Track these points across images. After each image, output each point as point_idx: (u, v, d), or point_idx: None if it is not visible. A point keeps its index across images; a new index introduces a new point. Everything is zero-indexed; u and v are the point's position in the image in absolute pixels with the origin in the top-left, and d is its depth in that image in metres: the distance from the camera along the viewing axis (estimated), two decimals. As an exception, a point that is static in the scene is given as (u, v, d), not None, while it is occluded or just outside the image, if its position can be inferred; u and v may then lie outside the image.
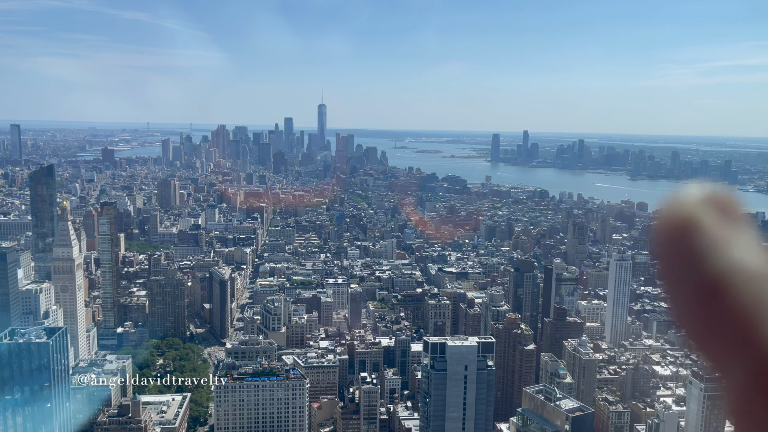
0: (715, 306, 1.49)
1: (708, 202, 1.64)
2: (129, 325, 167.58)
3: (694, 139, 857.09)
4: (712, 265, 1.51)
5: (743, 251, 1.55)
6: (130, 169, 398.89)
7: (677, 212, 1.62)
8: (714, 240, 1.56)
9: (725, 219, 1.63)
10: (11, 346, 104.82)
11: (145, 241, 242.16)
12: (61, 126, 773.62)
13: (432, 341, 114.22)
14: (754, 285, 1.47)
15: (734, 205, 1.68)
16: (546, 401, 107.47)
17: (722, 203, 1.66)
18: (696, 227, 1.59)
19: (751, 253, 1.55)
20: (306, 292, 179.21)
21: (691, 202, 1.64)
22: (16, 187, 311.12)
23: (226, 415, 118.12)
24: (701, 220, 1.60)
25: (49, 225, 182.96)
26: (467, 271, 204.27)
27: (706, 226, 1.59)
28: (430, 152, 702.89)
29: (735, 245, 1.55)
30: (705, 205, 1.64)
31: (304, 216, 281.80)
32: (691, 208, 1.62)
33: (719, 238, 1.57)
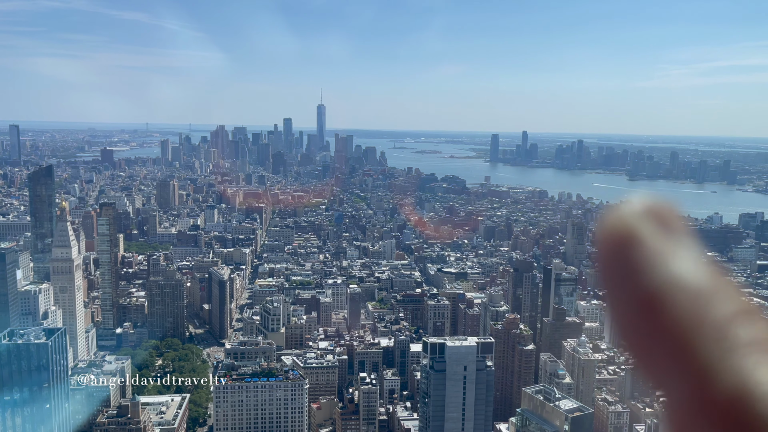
0: (652, 320, 1.48)
1: (648, 215, 1.63)
2: (128, 326, 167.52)
3: (693, 140, 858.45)
4: (650, 278, 1.51)
5: (681, 264, 1.53)
6: (129, 170, 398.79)
7: (617, 225, 1.61)
8: (652, 253, 1.55)
9: (665, 231, 1.61)
10: (10, 347, 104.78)
11: (144, 242, 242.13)
12: (60, 126, 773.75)
13: (431, 341, 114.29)
14: (690, 301, 1.47)
15: (674, 217, 1.66)
16: (545, 401, 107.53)
17: (662, 215, 1.65)
18: (634, 240, 1.58)
19: (689, 266, 1.53)
20: (305, 292, 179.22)
21: (630, 215, 1.63)
22: (15, 188, 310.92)
23: (226, 415, 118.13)
24: (640, 233, 1.59)
25: (48, 226, 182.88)
26: (466, 272, 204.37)
27: (644, 238, 1.58)
28: (429, 152, 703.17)
29: (673, 258, 1.54)
30: (644, 218, 1.62)
31: (303, 216, 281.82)
32: (631, 220, 1.61)
33: (657, 251, 1.55)
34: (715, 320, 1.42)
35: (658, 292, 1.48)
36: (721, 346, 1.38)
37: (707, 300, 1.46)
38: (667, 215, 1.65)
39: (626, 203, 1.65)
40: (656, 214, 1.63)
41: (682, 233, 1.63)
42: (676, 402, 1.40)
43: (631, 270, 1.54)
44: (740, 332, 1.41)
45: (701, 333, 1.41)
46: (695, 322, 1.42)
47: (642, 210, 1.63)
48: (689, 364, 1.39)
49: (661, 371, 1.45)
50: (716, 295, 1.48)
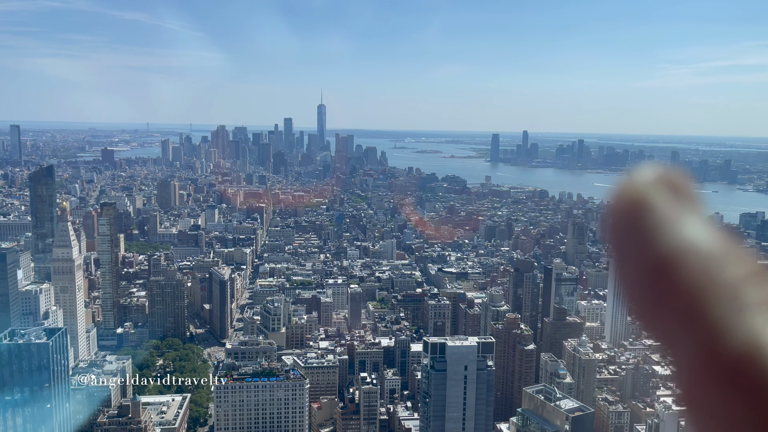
0: (662, 284, 1.49)
1: (659, 182, 1.65)
2: (129, 326, 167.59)
3: (694, 139, 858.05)
4: (661, 243, 1.53)
5: (692, 230, 1.55)
6: (129, 170, 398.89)
7: (628, 191, 1.63)
8: (663, 218, 1.57)
9: (676, 198, 1.63)
10: (11, 347, 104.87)
11: (145, 242, 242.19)
12: (61, 126, 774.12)
13: (432, 341, 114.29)
14: (702, 263, 1.47)
15: (685, 185, 1.68)
16: (546, 401, 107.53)
17: (673, 183, 1.67)
18: (646, 206, 1.60)
19: (699, 231, 1.55)
20: (306, 292, 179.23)
21: (642, 182, 1.65)
22: (15, 188, 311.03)
23: (226, 415, 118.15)
24: (651, 199, 1.61)
25: (48, 226, 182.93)
26: (467, 272, 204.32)
27: (656, 204, 1.60)
28: (430, 152, 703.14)
29: (684, 224, 1.56)
30: (656, 185, 1.65)
31: (303, 216, 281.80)
32: (642, 187, 1.63)
33: (669, 216, 1.58)
34: (726, 281, 1.44)
35: (670, 255, 1.50)
36: (732, 305, 1.40)
37: (718, 262, 1.48)
38: (678, 183, 1.67)
39: (637, 172, 1.67)
40: (667, 182, 1.66)
41: (692, 200, 1.66)
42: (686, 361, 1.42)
43: (643, 234, 1.56)
44: (750, 292, 1.42)
45: (712, 293, 1.42)
46: (706, 283, 1.44)
47: (653, 177, 1.66)
48: (700, 323, 1.41)
49: (671, 332, 1.47)
50: (727, 258, 1.50)
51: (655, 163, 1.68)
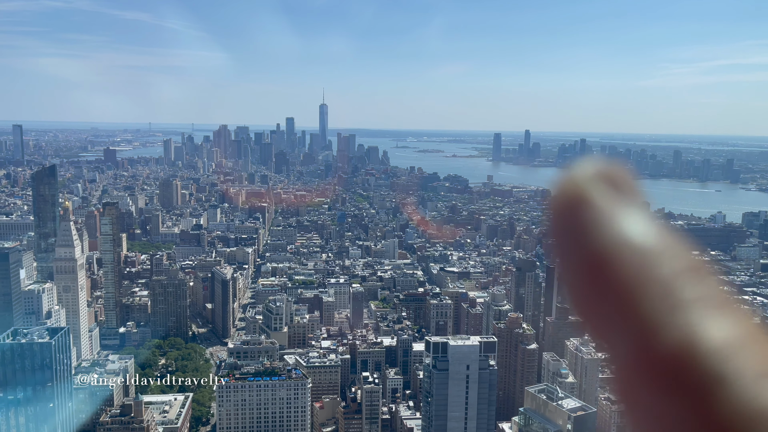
0: (599, 280, 1.48)
1: (598, 177, 1.64)
2: (131, 325, 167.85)
3: (696, 138, 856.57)
4: (598, 238, 1.51)
5: (630, 225, 1.53)
6: (132, 169, 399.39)
7: (567, 186, 1.62)
8: (601, 213, 1.55)
9: (615, 193, 1.61)
10: (14, 346, 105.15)
11: (147, 241, 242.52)
12: (63, 126, 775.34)
13: (434, 341, 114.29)
14: (638, 259, 1.46)
15: (625, 180, 1.65)
16: (548, 401, 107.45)
17: (613, 178, 1.65)
18: (585, 200, 1.58)
19: (637, 227, 1.53)
20: (308, 291, 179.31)
21: (581, 177, 1.63)
22: (18, 188, 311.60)
23: (228, 414, 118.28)
24: (590, 194, 1.60)
25: (51, 225, 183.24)
26: (469, 271, 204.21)
27: (594, 199, 1.59)
28: (432, 152, 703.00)
29: (622, 219, 1.54)
30: (595, 179, 1.63)
31: (305, 216, 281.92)
32: (583, 182, 1.62)
33: (606, 211, 1.56)
34: (661, 277, 1.42)
35: (605, 251, 1.49)
36: (666, 302, 1.39)
37: (654, 258, 1.47)
38: (618, 177, 1.65)
39: (577, 166, 1.66)
40: (607, 176, 1.64)
41: (632, 195, 1.63)
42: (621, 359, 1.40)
43: (579, 229, 1.55)
44: (686, 288, 1.41)
45: (647, 290, 1.41)
46: (641, 280, 1.43)
47: (593, 172, 1.64)
48: (634, 321, 1.40)
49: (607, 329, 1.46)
50: (663, 253, 1.48)
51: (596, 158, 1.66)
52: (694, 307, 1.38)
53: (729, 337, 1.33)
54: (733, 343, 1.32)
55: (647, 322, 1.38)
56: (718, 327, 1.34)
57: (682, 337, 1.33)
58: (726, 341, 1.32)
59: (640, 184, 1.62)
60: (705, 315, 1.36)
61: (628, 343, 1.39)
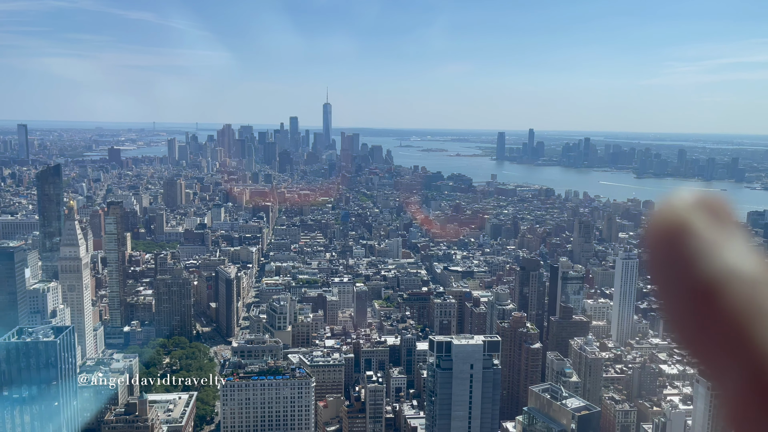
0: (707, 310, 1.47)
1: (700, 206, 1.63)
2: (135, 324, 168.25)
3: (701, 137, 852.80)
4: (705, 268, 1.50)
5: (735, 254, 1.53)
6: (136, 169, 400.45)
7: (669, 216, 1.62)
8: (706, 243, 1.55)
9: (717, 222, 1.61)
10: (19, 345, 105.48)
11: (152, 241, 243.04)
12: (68, 126, 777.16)
13: (438, 340, 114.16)
14: (747, 288, 1.46)
15: (726, 209, 1.66)
16: (552, 400, 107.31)
17: (714, 207, 1.65)
18: (688, 230, 1.58)
19: (743, 256, 1.53)
20: (311, 291, 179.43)
21: (682, 206, 1.63)
22: (23, 187, 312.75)
23: (233, 413, 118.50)
24: (693, 224, 1.59)
25: (56, 224, 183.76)
26: (473, 270, 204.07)
27: (697, 229, 1.58)
28: (436, 151, 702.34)
29: (727, 248, 1.54)
30: (697, 209, 1.63)
31: (309, 215, 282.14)
32: (683, 211, 1.62)
33: (711, 241, 1.55)
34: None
35: (713, 281, 1.47)
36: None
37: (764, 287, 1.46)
38: (718, 206, 1.66)
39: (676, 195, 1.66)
40: (707, 206, 1.64)
41: (733, 223, 1.64)
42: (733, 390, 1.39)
43: (685, 260, 1.53)
44: None
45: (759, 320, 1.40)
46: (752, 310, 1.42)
47: (693, 201, 1.64)
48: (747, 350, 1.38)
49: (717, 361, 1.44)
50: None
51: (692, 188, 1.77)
52: None
53: None
54: None
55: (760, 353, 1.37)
56: None
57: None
58: None
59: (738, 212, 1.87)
60: None
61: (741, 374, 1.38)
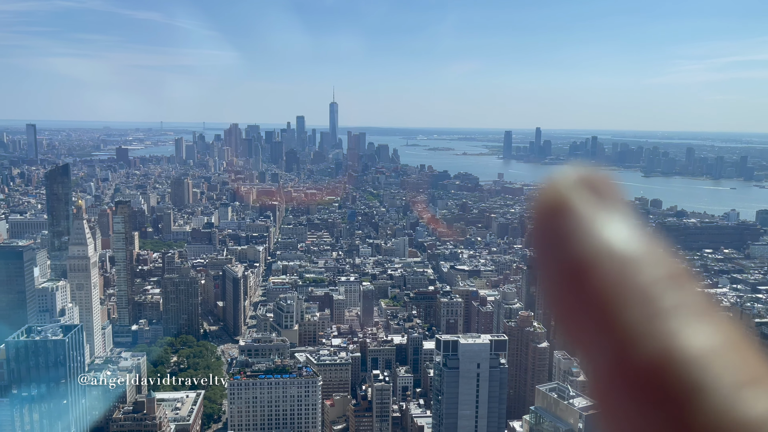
0: (578, 288, 1.46)
1: (581, 184, 1.62)
2: (143, 323, 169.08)
3: (710, 135, 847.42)
4: (578, 246, 1.50)
5: (609, 233, 1.52)
6: (143, 168, 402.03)
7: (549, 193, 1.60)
8: (582, 221, 1.54)
9: (597, 200, 1.59)
10: (28, 344, 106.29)
11: (159, 240, 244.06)
12: (76, 125, 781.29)
13: (444, 339, 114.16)
14: (616, 267, 1.44)
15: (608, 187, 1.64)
16: (559, 399, 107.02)
17: (596, 184, 1.63)
18: (565, 207, 1.57)
19: (617, 234, 1.52)
20: (318, 289, 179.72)
21: (563, 183, 1.61)
22: (32, 186, 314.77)
23: (240, 412, 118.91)
24: (571, 201, 1.58)
25: (64, 223, 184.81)
26: (479, 269, 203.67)
27: (575, 206, 1.57)
28: (442, 150, 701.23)
29: (602, 226, 1.53)
30: (577, 186, 1.61)
31: (316, 214, 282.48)
32: (563, 188, 1.60)
33: (587, 219, 1.54)
34: (640, 285, 1.41)
35: (584, 259, 1.47)
36: (645, 310, 1.37)
37: (634, 265, 1.45)
38: (600, 184, 1.64)
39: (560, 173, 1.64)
40: (589, 183, 1.63)
41: (614, 202, 1.61)
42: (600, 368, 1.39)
43: (559, 236, 1.53)
44: (665, 296, 1.39)
45: (625, 298, 1.40)
46: (620, 288, 1.41)
47: (575, 179, 1.63)
48: (613, 330, 1.38)
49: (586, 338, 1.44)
50: (643, 261, 1.46)
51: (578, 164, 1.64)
52: (673, 316, 1.36)
53: (708, 346, 1.31)
54: (713, 351, 1.30)
55: (626, 331, 1.36)
56: (698, 335, 1.33)
57: (661, 346, 1.31)
58: (705, 350, 1.30)
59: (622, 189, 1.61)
60: (684, 323, 1.35)
61: (607, 352, 1.38)
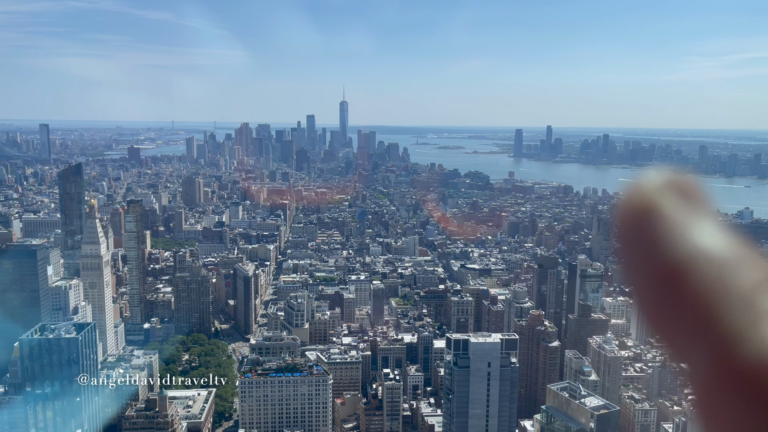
0: (674, 293, 1.45)
1: (668, 186, 1.60)
2: (155, 321, 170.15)
3: (723, 133, 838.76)
4: (672, 250, 1.48)
5: (704, 236, 1.50)
6: (155, 167, 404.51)
7: (638, 197, 1.58)
8: (674, 225, 1.52)
9: (687, 204, 1.58)
10: (42, 342, 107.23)
11: (171, 239, 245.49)
12: (89, 125, 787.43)
13: (455, 338, 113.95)
14: (714, 271, 1.43)
15: (695, 190, 1.62)
16: (570, 399, 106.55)
17: (683, 187, 1.61)
18: (656, 212, 1.55)
19: (711, 238, 1.50)
20: (329, 288, 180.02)
21: (651, 187, 1.60)
22: (45, 186, 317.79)
23: (251, 410, 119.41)
24: (662, 205, 1.56)
25: (77, 223, 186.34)
26: (490, 268, 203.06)
27: (666, 210, 1.55)
28: (452, 148, 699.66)
29: (695, 230, 1.51)
30: (666, 190, 1.59)
31: (326, 213, 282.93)
32: (652, 192, 1.58)
33: (680, 223, 1.53)
34: (740, 289, 1.39)
35: (681, 263, 1.45)
36: (746, 314, 1.35)
37: (732, 269, 1.43)
38: (688, 187, 1.62)
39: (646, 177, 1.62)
40: (677, 187, 1.61)
41: (703, 204, 1.60)
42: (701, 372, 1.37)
43: (653, 241, 1.51)
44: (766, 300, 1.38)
45: (726, 302, 1.38)
46: (720, 291, 1.40)
47: (663, 182, 1.61)
48: (714, 333, 1.36)
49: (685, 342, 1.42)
50: (741, 265, 1.45)
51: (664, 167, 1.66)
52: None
53: None
54: None
55: (727, 335, 1.35)
56: None
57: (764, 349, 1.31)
58: None
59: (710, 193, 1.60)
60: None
61: (708, 356, 1.36)
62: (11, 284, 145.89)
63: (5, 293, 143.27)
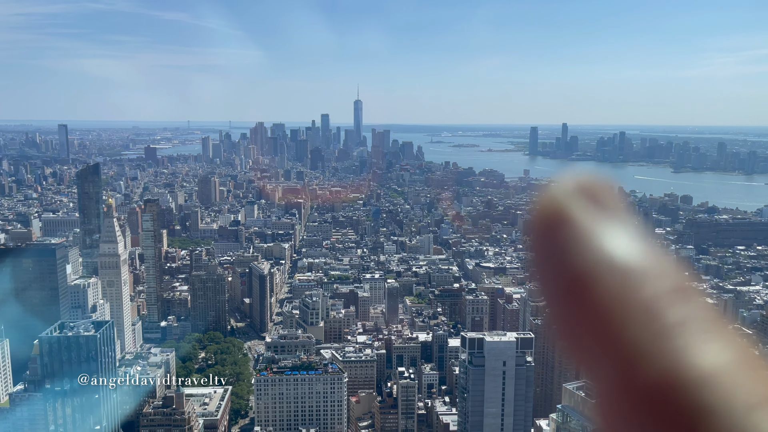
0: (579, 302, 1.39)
1: (579, 192, 1.53)
2: (172, 319, 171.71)
3: (742, 130, 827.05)
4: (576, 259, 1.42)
5: (612, 243, 1.43)
6: (171, 167, 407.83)
7: (548, 203, 1.51)
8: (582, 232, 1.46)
9: (597, 209, 1.51)
10: (61, 339, 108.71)
11: (187, 237, 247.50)
12: (106, 125, 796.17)
13: (470, 336, 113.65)
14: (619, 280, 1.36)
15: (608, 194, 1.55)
16: (587, 398, 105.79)
17: (595, 192, 1.54)
18: (564, 218, 1.48)
19: (620, 244, 1.43)
20: (343, 287, 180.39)
21: (561, 192, 1.53)
22: (64, 186, 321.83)
23: (266, 407, 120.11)
24: (569, 211, 1.49)
25: (95, 222, 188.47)
26: (505, 266, 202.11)
27: (574, 217, 1.48)
28: (467, 146, 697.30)
29: (604, 237, 1.44)
30: (576, 195, 1.52)
31: (341, 212, 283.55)
32: (561, 198, 1.51)
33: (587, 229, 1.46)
34: (645, 300, 1.33)
35: (585, 273, 1.39)
36: (650, 328, 1.29)
37: (638, 280, 1.37)
38: (601, 192, 1.55)
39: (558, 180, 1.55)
40: (588, 191, 1.54)
41: (616, 210, 1.53)
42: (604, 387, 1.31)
43: (559, 249, 1.45)
44: (671, 312, 1.32)
45: (629, 315, 1.32)
46: (623, 304, 1.33)
47: (574, 187, 1.54)
48: (617, 348, 1.30)
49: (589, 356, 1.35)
50: (647, 273, 1.39)
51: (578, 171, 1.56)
52: (680, 332, 1.28)
53: (718, 364, 1.23)
54: (723, 370, 1.22)
55: (631, 349, 1.28)
56: (707, 353, 1.24)
57: (668, 364, 1.24)
58: (715, 369, 1.22)
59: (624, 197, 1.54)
60: (692, 340, 1.27)
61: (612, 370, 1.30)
62: (31, 283, 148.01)
63: (25, 291, 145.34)
